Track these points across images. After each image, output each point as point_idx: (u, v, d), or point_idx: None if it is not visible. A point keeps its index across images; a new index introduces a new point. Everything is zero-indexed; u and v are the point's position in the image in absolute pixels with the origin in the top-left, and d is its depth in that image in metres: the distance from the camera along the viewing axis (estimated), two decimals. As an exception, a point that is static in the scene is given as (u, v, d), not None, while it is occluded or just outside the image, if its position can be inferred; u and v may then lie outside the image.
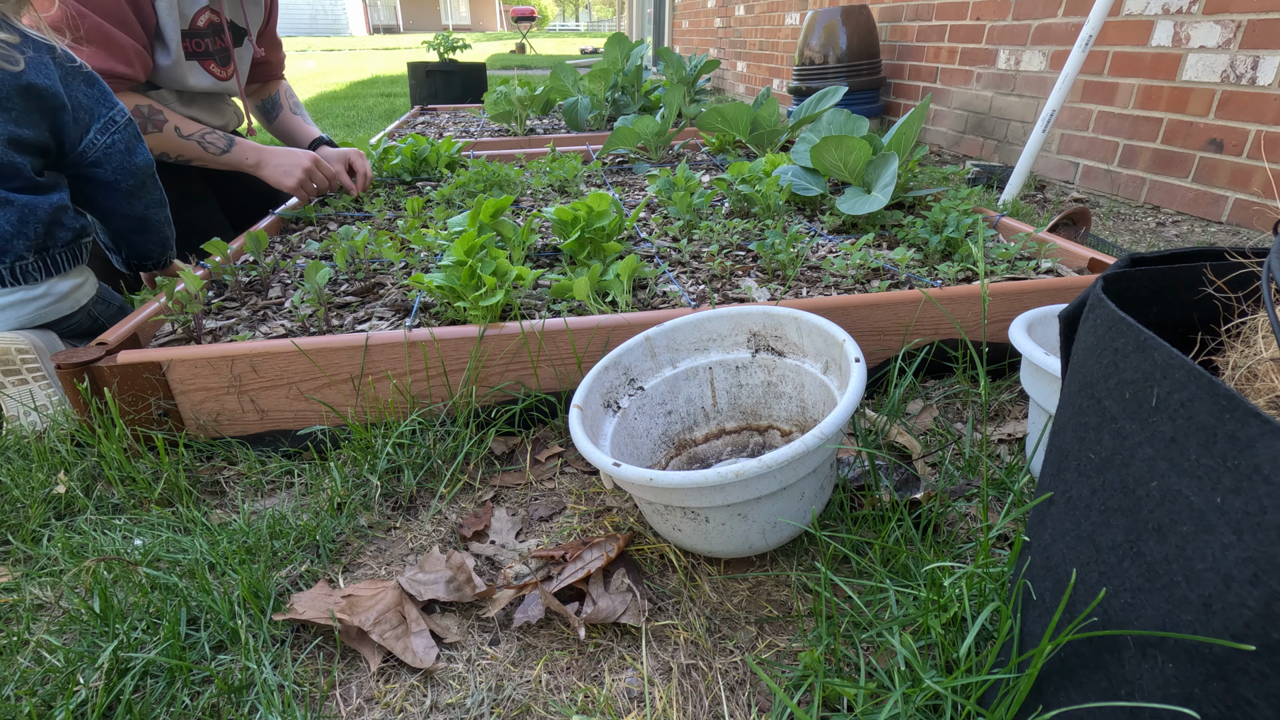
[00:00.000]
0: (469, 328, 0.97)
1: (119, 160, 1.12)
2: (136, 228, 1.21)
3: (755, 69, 5.22)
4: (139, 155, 1.16)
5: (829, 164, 1.55)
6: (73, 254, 1.11)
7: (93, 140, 1.09)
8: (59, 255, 1.08)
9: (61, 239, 1.07)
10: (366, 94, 6.27)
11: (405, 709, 0.62)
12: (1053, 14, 2.44)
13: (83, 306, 1.14)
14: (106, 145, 1.11)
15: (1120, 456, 0.39)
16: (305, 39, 22.09)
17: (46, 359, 1.00)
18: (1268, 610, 0.30)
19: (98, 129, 1.10)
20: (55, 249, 1.07)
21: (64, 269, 1.09)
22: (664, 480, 0.63)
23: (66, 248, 1.09)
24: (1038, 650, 0.44)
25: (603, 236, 1.29)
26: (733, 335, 0.92)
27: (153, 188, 1.20)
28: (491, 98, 2.86)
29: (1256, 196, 1.85)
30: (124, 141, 1.13)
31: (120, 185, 1.14)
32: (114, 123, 1.11)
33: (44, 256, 1.05)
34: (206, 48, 1.52)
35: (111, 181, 1.13)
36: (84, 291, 1.14)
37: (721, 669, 0.65)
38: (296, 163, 1.59)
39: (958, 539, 0.77)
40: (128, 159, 1.13)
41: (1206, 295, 0.47)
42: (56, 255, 1.07)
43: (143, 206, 1.19)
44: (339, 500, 0.86)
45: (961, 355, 1.10)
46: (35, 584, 0.76)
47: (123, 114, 1.13)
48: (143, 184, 1.17)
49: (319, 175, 1.64)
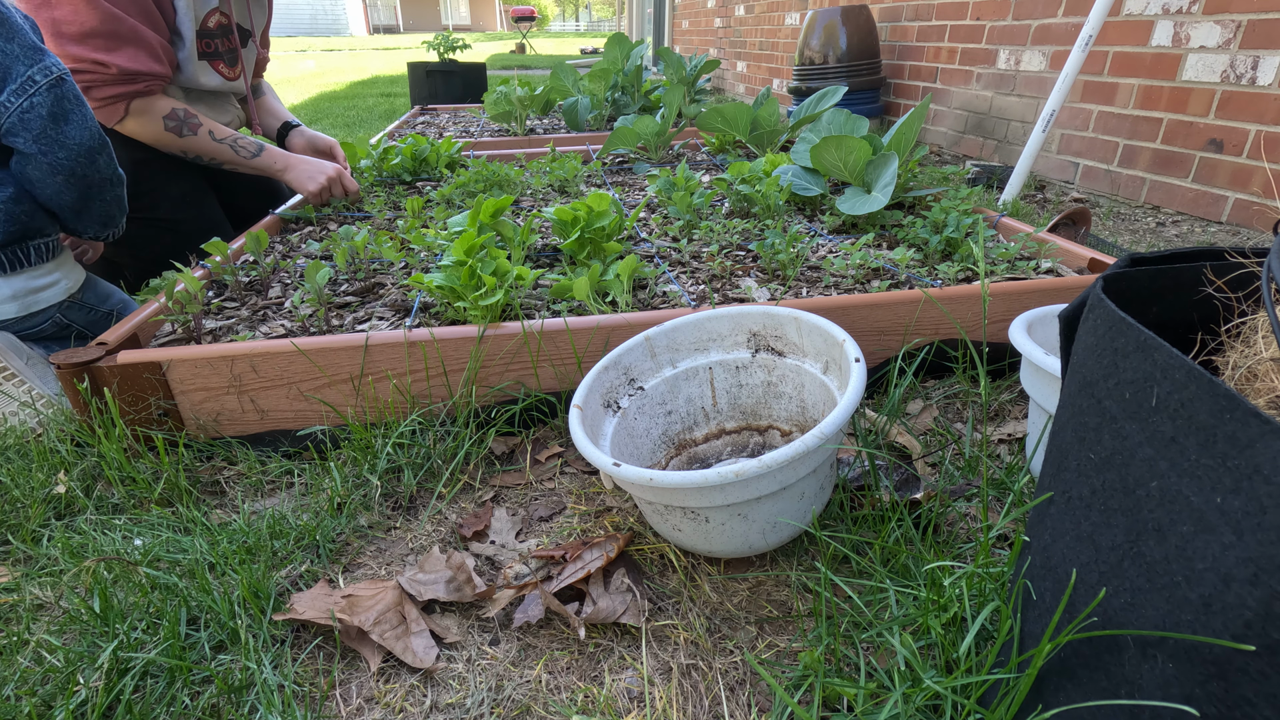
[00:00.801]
0: (469, 328, 0.97)
1: (39, 127, 0.97)
2: (73, 207, 1.08)
3: (755, 69, 5.22)
4: (71, 125, 1.00)
5: (829, 164, 1.55)
6: (5, 259, 1.02)
7: (5, 103, 0.96)
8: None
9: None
10: (366, 94, 6.27)
11: (405, 709, 0.62)
12: (1053, 14, 2.44)
13: (41, 310, 1.07)
14: (23, 109, 0.96)
15: (1120, 456, 0.39)
16: (305, 39, 22.09)
17: (11, 357, 0.98)
18: (1268, 610, 0.30)
19: (12, 90, 0.96)
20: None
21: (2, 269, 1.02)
22: (664, 480, 0.63)
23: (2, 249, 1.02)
24: (1038, 650, 0.44)
25: (603, 236, 1.29)
26: (733, 335, 0.92)
27: (96, 167, 1.05)
28: (491, 98, 2.86)
29: (1256, 196, 1.85)
30: (46, 105, 0.97)
31: (44, 158, 0.99)
32: (33, 83, 0.96)
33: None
34: (216, 48, 1.53)
35: (33, 154, 0.99)
36: (43, 296, 1.07)
37: (721, 669, 0.65)
38: (321, 170, 1.64)
39: (958, 539, 0.77)
40: (53, 128, 0.98)
41: (1206, 295, 0.47)
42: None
43: (80, 187, 1.04)
44: (339, 500, 0.86)
45: (961, 355, 1.10)
46: (35, 584, 0.76)
47: (47, 73, 0.97)
48: (78, 160, 1.01)
49: (339, 186, 1.69)
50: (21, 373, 0.98)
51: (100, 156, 1.05)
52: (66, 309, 1.13)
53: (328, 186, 1.66)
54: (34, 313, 1.08)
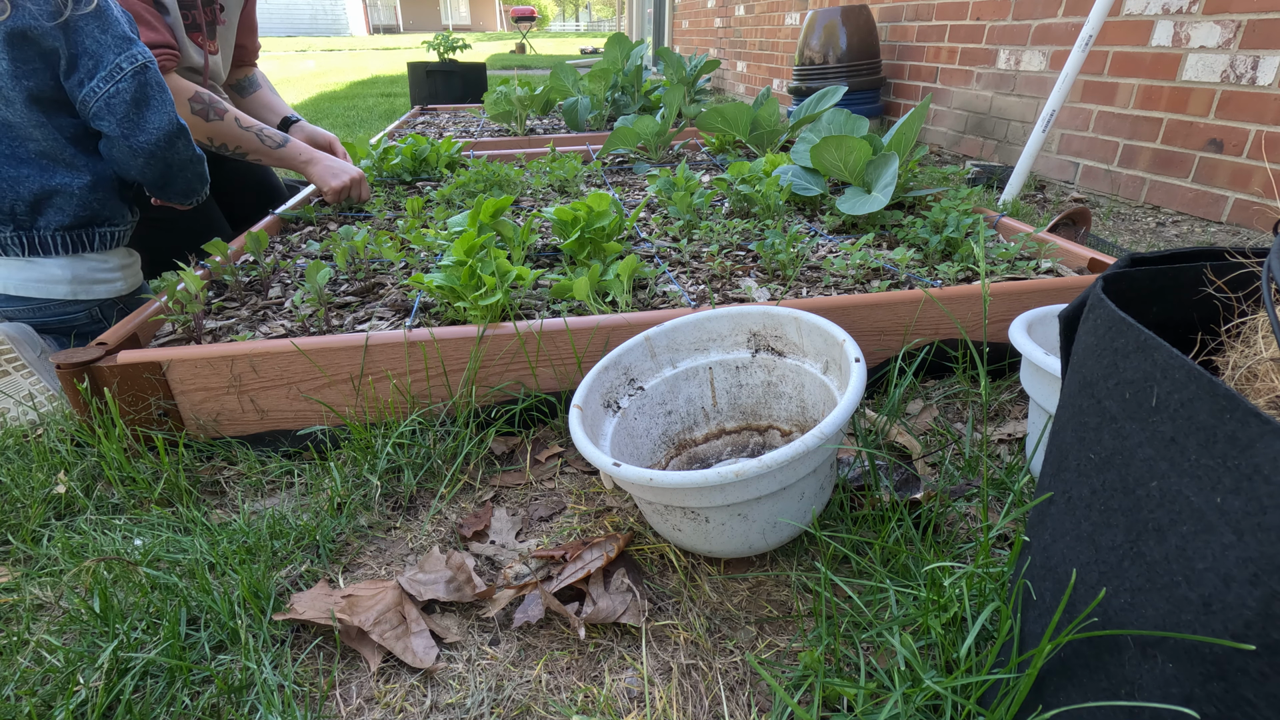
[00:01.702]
0: (469, 328, 0.97)
1: (123, 112, 1.01)
2: (156, 183, 1.14)
3: (755, 69, 5.22)
4: (152, 110, 1.04)
5: (829, 164, 1.55)
6: (70, 240, 1.06)
7: (94, 89, 1.00)
8: (47, 236, 1.05)
9: (54, 221, 1.04)
10: (366, 94, 6.27)
11: (405, 709, 0.62)
12: (1053, 14, 2.44)
13: (87, 300, 1.09)
14: (109, 95, 1.00)
15: (1120, 456, 0.39)
16: (305, 39, 22.09)
17: (24, 348, 0.98)
18: (1267, 610, 0.30)
19: (101, 77, 0.99)
20: (44, 230, 1.04)
21: (53, 252, 1.06)
22: (664, 480, 0.63)
23: (61, 231, 1.05)
24: (1038, 650, 0.44)
25: (603, 236, 1.29)
26: (733, 335, 0.92)
27: (175, 150, 1.09)
28: (491, 98, 2.86)
29: (1256, 196, 1.85)
30: (130, 91, 1.01)
31: (126, 141, 1.04)
32: (120, 70, 1.00)
33: (23, 233, 1.03)
34: (194, 19, 1.49)
35: (116, 137, 1.03)
36: (97, 289, 1.09)
37: (721, 669, 0.65)
38: (345, 170, 1.65)
39: (958, 539, 0.77)
40: (135, 112, 1.02)
41: (1206, 295, 0.47)
42: (45, 236, 1.05)
43: (160, 167, 1.09)
44: (339, 500, 0.86)
45: (961, 355, 1.10)
46: (35, 584, 0.76)
47: (133, 60, 1.01)
48: (157, 143, 1.06)
49: (357, 190, 1.71)
50: (31, 364, 0.99)
51: (179, 140, 1.09)
52: (106, 306, 1.16)
53: (349, 186, 1.67)
54: (79, 300, 1.10)
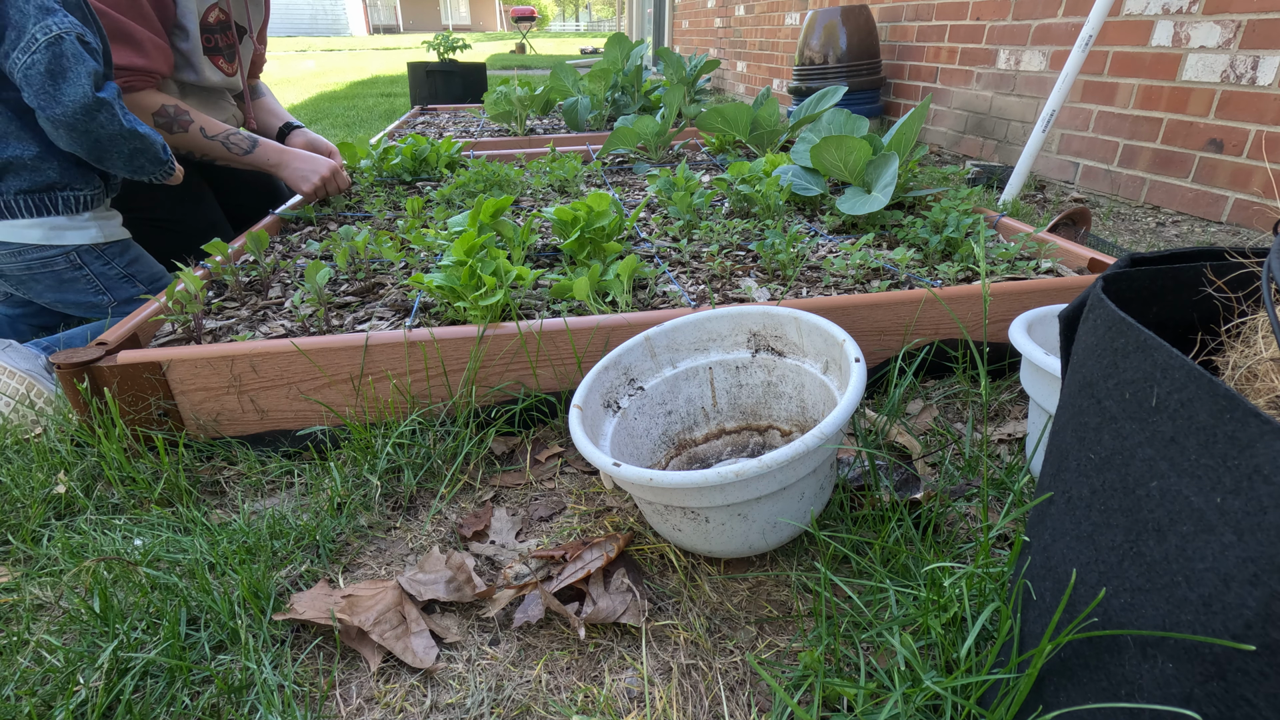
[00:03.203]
0: (469, 328, 0.97)
1: (39, 84, 1.02)
2: (91, 155, 1.15)
3: (755, 69, 5.22)
4: (68, 83, 1.03)
5: (829, 164, 1.55)
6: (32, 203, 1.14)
7: (15, 60, 1.01)
8: (11, 200, 1.14)
9: (13, 186, 1.12)
10: (366, 94, 6.27)
11: (405, 709, 0.62)
12: (1053, 14, 2.44)
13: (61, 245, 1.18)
14: (25, 66, 1.01)
15: (1120, 456, 0.39)
16: (305, 39, 22.08)
17: None
18: (1267, 610, 0.30)
19: (20, 48, 1.00)
20: (6, 194, 1.12)
21: (18, 214, 1.14)
22: (664, 480, 0.63)
23: (22, 195, 1.14)
24: (1038, 650, 0.44)
25: (603, 236, 1.29)
26: (733, 335, 0.92)
27: (97, 123, 1.09)
28: (491, 98, 2.86)
29: (1256, 196, 1.85)
30: (44, 63, 1.01)
31: (43, 112, 1.05)
32: (34, 41, 1.00)
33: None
34: (216, 43, 1.53)
35: (35, 109, 1.05)
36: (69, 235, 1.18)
37: (721, 669, 0.65)
38: (315, 169, 1.63)
39: (958, 539, 0.77)
40: (50, 84, 1.02)
41: (1206, 295, 0.47)
42: (9, 200, 1.14)
43: (87, 141, 1.10)
44: (339, 500, 0.86)
45: (961, 355, 1.10)
46: (35, 584, 0.76)
47: (47, 31, 1.01)
48: (75, 116, 1.06)
49: (334, 184, 1.69)
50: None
51: (99, 114, 1.09)
52: (85, 252, 1.22)
53: (322, 186, 1.65)
54: (53, 244, 1.18)
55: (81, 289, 1.25)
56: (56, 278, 1.23)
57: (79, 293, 1.26)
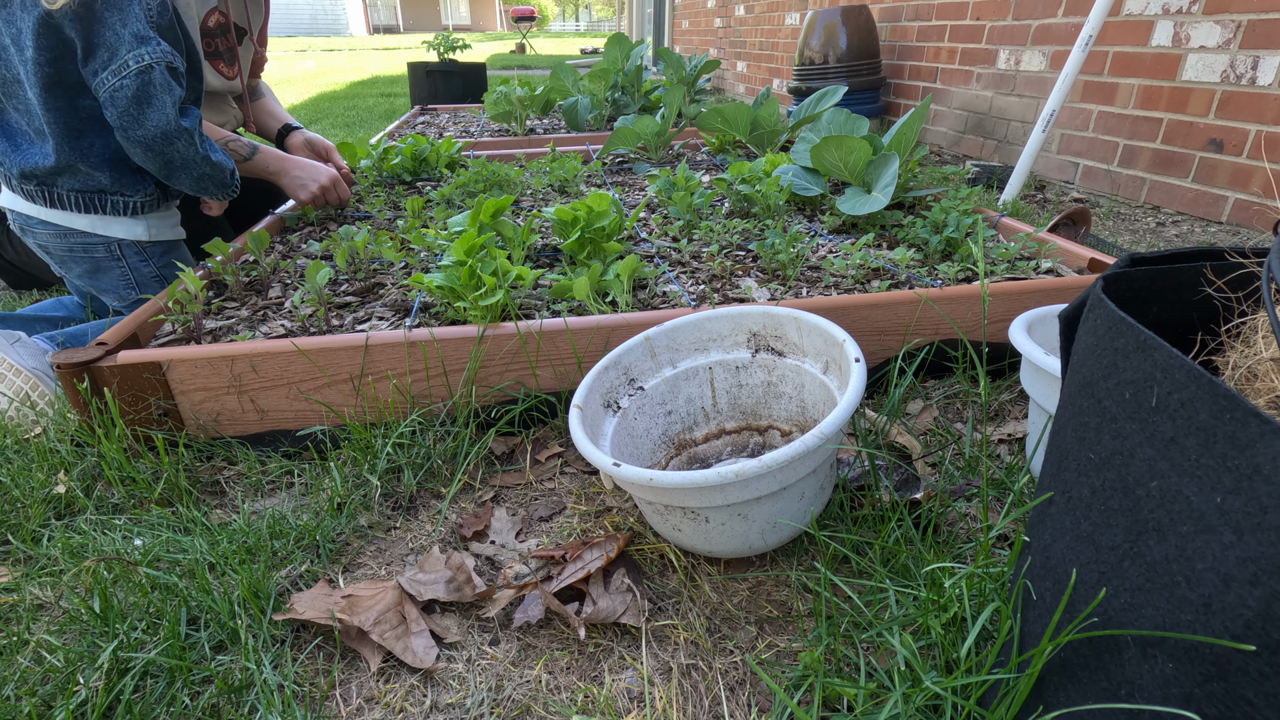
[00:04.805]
0: (469, 328, 0.97)
1: (124, 106, 1.09)
2: (160, 173, 1.21)
3: (755, 69, 5.22)
4: (153, 110, 1.10)
5: (829, 164, 1.55)
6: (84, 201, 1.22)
7: (103, 80, 1.08)
8: (64, 194, 1.21)
9: (69, 185, 1.20)
10: (366, 94, 6.27)
11: (405, 709, 0.62)
12: (1053, 14, 2.44)
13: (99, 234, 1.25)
14: (114, 89, 1.08)
15: (1120, 456, 0.39)
16: (305, 39, 22.08)
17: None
18: (1268, 610, 0.30)
19: (112, 70, 1.07)
20: (61, 190, 1.21)
21: (70, 208, 1.22)
22: (664, 480, 0.63)
23: (75, 193, 1.21)
24: (1038, 650, 0.44)
25: (603, 236, 1.29)
26: (733, 335, 0.92)
27: (174, 149, 1.16)
28: (491, 98, 2.86)
29: (1256, 196, 1.85)
30: (132, 89, 1.08)
31: (124, 133, 1.12)
32: (126, 67, 1.07)
33: (45, 189, 1.21)
34: (216, 47, 1.53)
35: (117, 128, 1.12)
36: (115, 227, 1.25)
37: (721, 669, 0.65)
38: (314, 178, 1.63)
39: (958, 539, 0.77)
40: (135, 109, 1.09)
41: (1206, 295, 0.47)
42: (63, 194, 1.21)
43: (160, 161, 1.17)
44: (339, 500, 0.86)
45: (961, 355, 1.10)
46: (35, 584, 0.76)
47: (140, 59, 1.08)
48: (154, 140, 1.13)
49: (333, 194, 1.69)
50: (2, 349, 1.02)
51: (178, 142, 1.16)
52: (125, 246, 1.27)
53: (320, 194, 1.65)
54: (98, 233, 1.25)
55: (114, 279, 1.29)
56: (94, 263, 1.27)
57: (111, 282, 1.29)
